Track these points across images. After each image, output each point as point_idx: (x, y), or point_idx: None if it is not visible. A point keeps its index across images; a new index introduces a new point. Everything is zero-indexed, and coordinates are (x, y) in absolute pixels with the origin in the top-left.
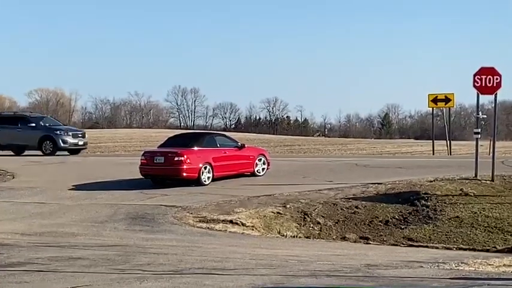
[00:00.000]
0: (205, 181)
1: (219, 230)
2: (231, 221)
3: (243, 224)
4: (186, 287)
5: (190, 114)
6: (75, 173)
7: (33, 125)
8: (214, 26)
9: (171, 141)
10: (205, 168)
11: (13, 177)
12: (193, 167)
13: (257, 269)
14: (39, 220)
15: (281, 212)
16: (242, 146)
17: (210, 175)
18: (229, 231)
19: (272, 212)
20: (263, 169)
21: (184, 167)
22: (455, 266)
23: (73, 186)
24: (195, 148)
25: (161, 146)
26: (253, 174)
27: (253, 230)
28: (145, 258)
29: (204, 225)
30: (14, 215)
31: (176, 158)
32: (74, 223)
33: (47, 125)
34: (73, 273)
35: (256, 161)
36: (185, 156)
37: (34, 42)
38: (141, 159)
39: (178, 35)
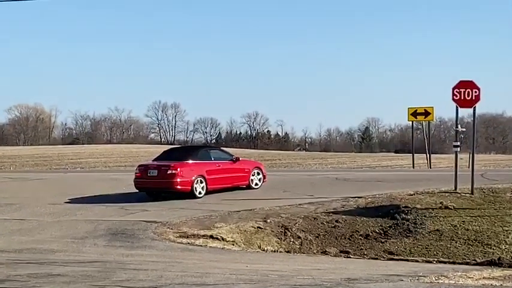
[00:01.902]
0: (198, 194)
1: (199, 245)
2: (211, 236)
3: (223, 239)
4: None
5: (170, 130)
6: (55, 189)
7: None
8: (195, 41)
9: (165, 155)
10: (199, 181)
11: None
12: (187, 179)
13: (237, 284)
14: (18, 237)
15: (262, 226)
16: (237, 160)
17: (204, 188)
18: (210, 246)
19: (253, 227)
20: (259, 182)
21: (177, 179)
22: (435, 279)
23: (52, 202)
24: (189, 161)
25: (156, 159)
26: (248, 187)
27: (233, 245)
28: (125, 274)
29: (185, 240)
30: None
31: (169, 171)
32: (53, 239)
33: None
34: None
35: (252, 174)
36: (178, 169)
37: (13, 58)
38: (136, 173)
39: (158, 50)
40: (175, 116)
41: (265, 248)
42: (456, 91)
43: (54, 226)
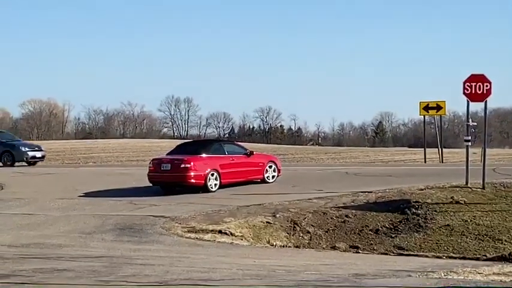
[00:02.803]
0: (212, 188)
1: (207, 240)
2: (220, 231)
3: (232, 234)
4: None
5: (183, 124)
6: (65, 183)
7: None
8: (207, 35)
9: (179, 149)
10: (212, 175)
11: (2, 188)
12: (200, 173)
13: (244, 280)
14: (26, 231)
15: (270, 221)
16: (251, 153)
17: (217, 182)
18: (218, 242)
19: (261, 222)
20: (273, 176)
21: (191, 173)
22: (444, 275)
23: (62, 197)
24: (203, 155)
25: (169, 153)
26: (263, 181)
27: (242, 239)
28: (131, 270)
29: (193, 235)
30: (1, 226)
31: (182, 165)
32: (61, 234)
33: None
34: (57, 285)
35: (266, 168)
36: (191, 163)
37: (27, 53)
38: (149, 167)
39: (171, 44)
40: (188, 110)
41: (274, 243)
42: (467, 85)
43: (62, 221)
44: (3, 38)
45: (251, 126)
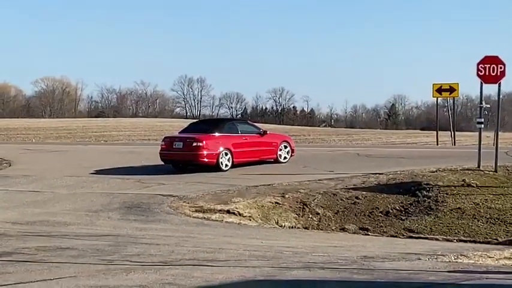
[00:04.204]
0: (224, 167)
1: (215, 220)
2: (228, 211)
3: (240, 214)
4: (174, 279)
5: (196, 104)
6: (73, 161)
7: None
8: (221, 15)
9: (192, 127)
10: (224, 154)
11: (10, 165)
12: (212, 152)
13: (250, 261)
14: (32, 209)
15: (280, 202)
16: (264, 133)
17: (230, 161)
18: (226, 222)
19: (270, 202)
20: (287, 156)
21: (203, 152)
22: (454, 259)
23: (70, 174)
24: (215, 134)
25: (182, 131)
26: (276, 161)
27: (250, 220)
28: (135, 249)
29: (201, 215)
30: (7, 203)
31: (194, 144)
32: (67, 212)
33: None
34: (59, 264)
35: (280, 147)
36: (203, 142)
37: (41, 31)
38: (161, 145)
39: (184, 24)
40: (201, 90)
41: (283, 224)
42: (481, 66)
43: (69, 198)
44: (17, 16)
45: (264, 107)
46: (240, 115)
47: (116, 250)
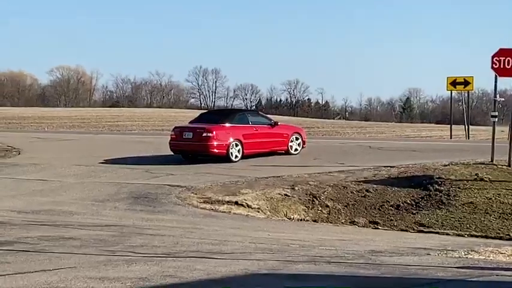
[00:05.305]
0: (234, 158)
1: (222, 212)
2: (236, 203)
3: (248, 206)
4: (175, 271)
5: (211, 95)
6: (83, 150)
7: None
8: (237, 6)
9: (202, 117)
10: (235, 145)
11: (19, 154)
12: (222, 143)
13: (255, 254)
14: (38, 197)
15: (289, 194)
16: (275, 124)
17: (240, 152)
18: (234, 213)
19: (279, 194)
20: (298, 147)
21: (213, 143)
22: (464, 254)
23: (78, 163)
24: (226, 124)
25: (192, 121)
26: (287, 153)
27: (258, 212)
28: (140, 240)
29: (208, 206)
30: (14, 191)
31: (204, 134)
32: (73, 201)
33: None
34: (60, 254)
35: (291, 139)
36: (214, 133)
37: (57, 20)
38: (171, 135)
39: (200, 14)
40: (215, 81)
41: (292, 217)
42: (496, 59)
43: (76, 188)
44: (33, 5)
45: (278, 99)
46: (254, 107)
47: (119, 241)
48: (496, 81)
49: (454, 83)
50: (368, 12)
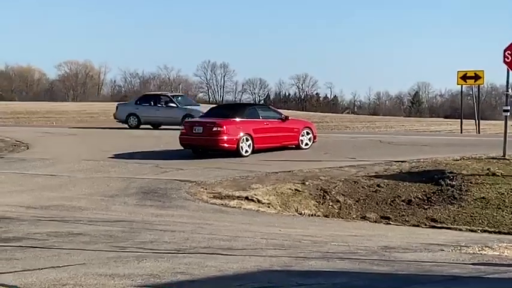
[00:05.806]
0: (244, 153)
1: (233, 207)
2: (246, 198)
3: (258, 201)
4: (186, 268)
5: (219, 89)
6: (91, 145)
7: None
8: (244, 1)
9: (213, 112)
10: (245, 139)
11: (27, 148)
12: (232, 138)
13: (267, 250)
14: (47, 193)
15: (299, 189)
16: (286, 119)
17: (250, 147)
18: (244, 208)
19: (290, 189)
20: (309, 142)
21: (223, 137)
22: (479, 250)
23: (87, 158)
24: (236, 119)
25: (203, 116)
26: (298, 148)
27: (269, 207)
28: (150, 236)
29: (218, 201)
30: (22, 187)
31: (214, 129)
32: (82, 197)
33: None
34: (69, 250)
35: (302, 133)
36: (224, 127)
37: (64, 14)
38: (181, 129)
39: (208, 9)
40: (224, 76)
41: (302, 212)
42: (508, 53)
43: (85, 183)
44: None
45: (287, 93)
46: (262, 101)
47: (129, 237)
48: (508, 75)
49: (464, 77)
50: (377, 6)
